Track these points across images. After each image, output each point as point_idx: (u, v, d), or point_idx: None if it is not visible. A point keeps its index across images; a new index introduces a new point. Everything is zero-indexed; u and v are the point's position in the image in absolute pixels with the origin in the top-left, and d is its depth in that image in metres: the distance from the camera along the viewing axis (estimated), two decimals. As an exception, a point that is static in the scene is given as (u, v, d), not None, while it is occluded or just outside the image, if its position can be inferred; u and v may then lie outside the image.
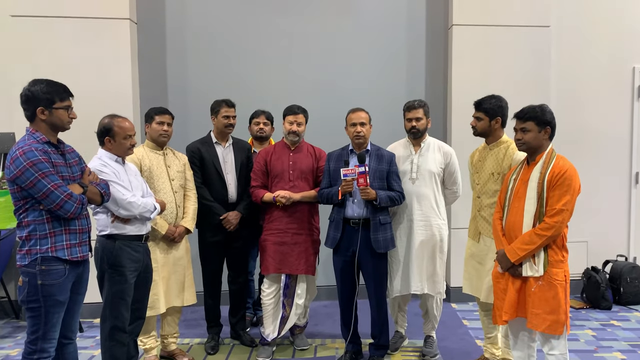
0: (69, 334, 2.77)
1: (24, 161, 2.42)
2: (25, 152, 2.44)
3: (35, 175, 2.43)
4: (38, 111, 2.53)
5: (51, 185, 2.45)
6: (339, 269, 3.55)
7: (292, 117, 3.71)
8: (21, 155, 2.43)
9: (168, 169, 3.53)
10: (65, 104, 2.57)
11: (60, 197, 2.48)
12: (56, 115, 2.56)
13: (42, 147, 2.50)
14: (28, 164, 2.42)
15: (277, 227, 3.69)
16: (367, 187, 3.30)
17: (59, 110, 2.56)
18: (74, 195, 2.53)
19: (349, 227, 3.47)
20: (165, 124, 3.48)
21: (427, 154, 3.65)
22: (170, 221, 3.50)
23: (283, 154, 3.75)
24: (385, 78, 5.13)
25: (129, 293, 3.03)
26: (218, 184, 3.81)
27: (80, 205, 2.56)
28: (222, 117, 3.83)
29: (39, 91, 2.50)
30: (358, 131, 3.44)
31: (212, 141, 3.89)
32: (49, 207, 2.49)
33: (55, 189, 2.46)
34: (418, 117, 3.60)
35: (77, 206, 2.54)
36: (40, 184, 2.44)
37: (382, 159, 3.51)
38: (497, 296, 2.93)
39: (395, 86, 5.12)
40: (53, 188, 2.46)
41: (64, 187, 2.51)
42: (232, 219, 3.79)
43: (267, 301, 3.74)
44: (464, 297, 4.85)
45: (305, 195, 3.67)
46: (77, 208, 2.54)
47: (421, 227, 3.60)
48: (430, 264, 3.61)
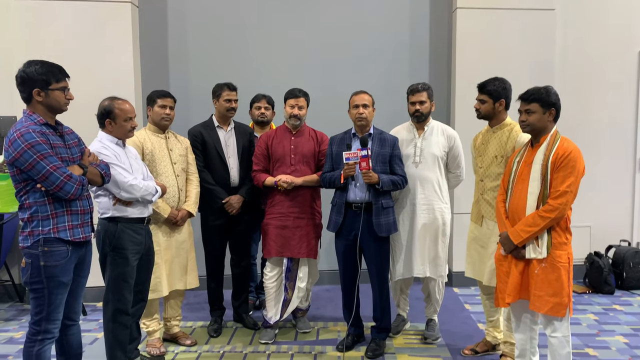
0: (72, 316, 2.78)
1: (22, 143, 2.41)
2: (22, 134, 2.42)
3: (34, 157, 2.42)
4: (34, 93, 2.50)
5: (50, 167, 2.44)
6: (341, 252, 3.55)
7: (293, 100, 3.68)
8: (19, 137, 2.42)
9: (170, 153, 3.53)
10: (61, 85, 2.54)
11: (59, 179, 2.47)
12: (52, 97, 2.53)
13: (39, 128, 2.48)
14: (26, 145, 2.41)
15: (279, 211, 3.69)
16: (370, 171, 3.29)
17: (55, 92, 2.53)
18: (73, 176, 2.52)
19: (351, 211, 3.47)
20: (167, 108, 3.46)
21: (430, 137, 3.63)
22: (172, 205, 3.49)
23: (284, 138, 3.73)
24: (389, 61, 5.10)
25: (131, 275, 3.04)
26: (220, 168, 3.81)
27: (81, 186, 2.55)
28: (223, 100, 3.81)
29: (34, 72, 2.47)
30: (360, 113, 3.42)
31: (214, 125, 3.88)
32: (49, 188, 2.48)
33: (55, 170, 2.45)
34: (422, 100, 3.58)
35: (77, 187, 2.53)
36: (39, 166, 2.43)
37: (385, 142, 3.49)
38: (500, 279, 2.93)
39: (398, 69, 5.09)
40: (52, 169, 2.45)
41: (63, 168, 2.50)
42: (234, 202, 3.79)
43: (269, 284, 3.75)
44: (466, 281, 4.86)
45: (307, 180, 3.67)
46: (77, 189, 2.53)
47: (424, 211, 3.60)
48: (432, 248, 3.62)
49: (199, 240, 3.92)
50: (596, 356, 3.50)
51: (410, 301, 4.12)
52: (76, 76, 2.63)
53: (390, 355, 3.54)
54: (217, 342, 3.82)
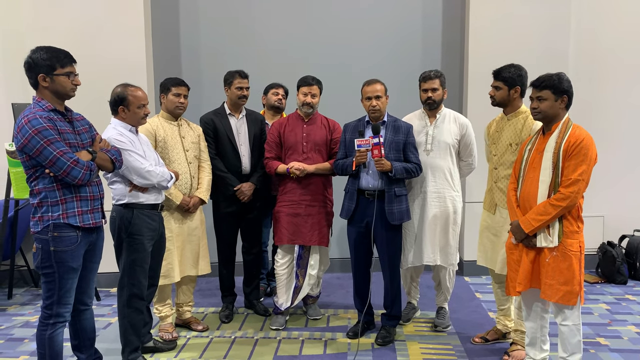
0: (85, 300, 2.85)
1: (29, 129, 2.44)
2: (29, 120, 2.45)
3: (41, 142, 2.45)
4: (39, 78, 2.52)
5: (57, 152, 2.47)
6: (352, 239, 3.57)
7: (306, 88, 3.70)
8: (26, 123, 2.45)
9: (182, 140, 3.56)
10: (66, 70, 2.55)
11: (66, 164, 2.49)
12: (58, 82, 2.55)
13: (47, 114, 2.51)
14: (33, 131, 2.44)
15: (291, 198, 3.72)
16: (382, 159, 3.31)
17: (60, 77, 2.54)
18: (80, 161, 2.54)
19: (363, 198, 3.49)
20: (181, 96, 3.48)
21: (442, 125, 3.63)
22: (184, 192, 3.53)
23: (297, 126, 3.75)
24: (401, 48, 5.08)
25: (146, 261, 3.09)
26: (232, 155, 3.84)
27: (89, 172, 2.57)
28: (235, 88, 3.83)
29: (39, 58, 2.49)
30: (373, 105, 3.44)
31: (225, 112, 3.90)
32: (57, 174, 2.51)
33: (61, 156, 2.48)
34: (434, 87, 3.57)
35: (85, 172, 2.55)
36: (46, 152, 2.46)
37: (399, 130, 3.50)
38: (511, 267, 2.94)
39: (410, 56, 5.08)
40: (59, 155, 2.47)
41: (70, 153, 2.52)
42: (245, 190, 3.83)
43: (280, 271, 3.79)
44: (477, 270, 4.87)
45: (319, 167, 3.69)
46: (85, 174, 2.55)
47: (435, 199, 3.61)
48: (443, 236, 3.63)
49: (210, 227, 3.97)
50: (607, 345, 3.51)
51: (421, 289, 4.12)
52: (87, 62, 2.64)
53: (400, 343, 3.58)
54: (229, 328, 3.87)
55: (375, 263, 3.63)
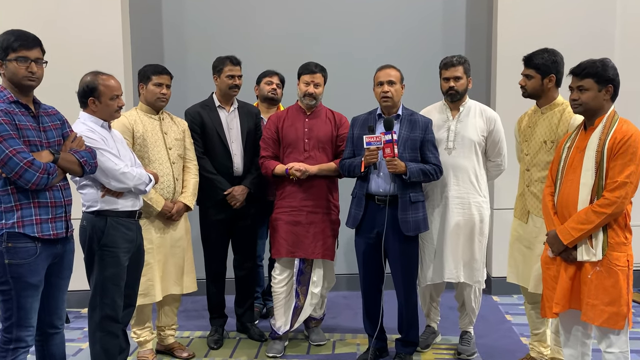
0: (55, 322, 2.82)
1: None
2: None
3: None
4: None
5: (9, 151, 2.43)
6: (361, 252, 3.56)
7: (308, 76, 3.68)
8: None
9: (165, 136, 3.55)
10: (17, 55, 2.52)
11: (19, 165, 2.45)
12: (9, 69, 2.53)
13: (5, 107, 2.49)
14: None
15: (290, 204, 3.70)
16: (395, 159, 3.29)
17: (11, 62, 2.52)
18: (35, 162, 2.50)
19: (373, 205, 3.47)
20: (163, 86, 3.47)
21: (466, 119, 3.61)
22: (167, 196, 3.52)
23: (297, 120, 3.73)
24: (418, 31, 5.06)
25: (122, 277, 3.07)
26: (222, 154, 3.83)
27: (46, 175, 2.53)
28: (226, 76, 3.81)
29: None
30: (385, 91, 3.42)
31: (214, 105, 3.89)
32: (9, 175, 2.48)
33: (14, 155, 2.44)
34: (457, 76, 3.55)
35: (41, 176, 2.51)
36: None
37: (416, 125, 3.48)
38: (547, 285, 2.92)
39: (430, 40, 5.06)
40: (11, 154, 2.43)
41: (25, 153, 2.48)
42: (237, 194, 3.80)
43: (278, 289, 3.77)
44: (507, 288, 4.82)
45: (322, 168, 3.67)
46: (40, 178, 2.51)
47: (458, 206, 3.59)
48: (467, 249, 3.61)
49: (197, 238, 3.96)
50: (659, 376, 3.47)
51: (442, 310, 4.08)
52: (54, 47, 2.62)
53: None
54: (218, 355, 3.84)
55: (388, 280, 3.61)
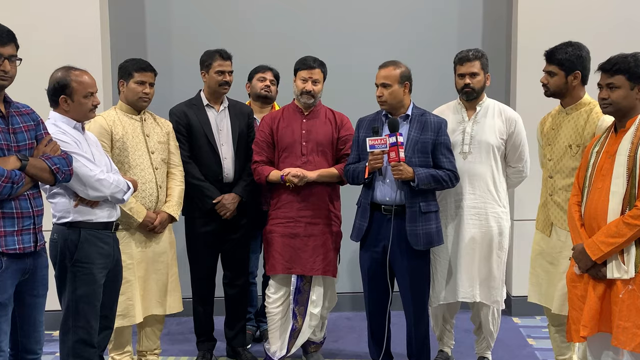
0: (32, 346, 2.80)
1: None
2: None
3: None
4: None
5: None
6: (366, 268, 3.57)
7: (306, 72, 3.68)
8: None
9: (147, 139, 3.56)
10: None
11: None
12: None
13: None
14: None
15: (287, 214, 3.70)
16: (400, 163, 3.29)
17: None
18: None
19: (378, 215, 3.48)
20: (146, 84, 3.48)
21: (484, 120, 3.62)
22: (149, 206, 3.52)
23: (294, 121, 3.74)
24: (431, 23, 5.05)
25: (98, 297, 3.06)
26: (210, 158, 3.83)
27: (9, 184, 2.51)
28: (215, 72, 3.81)
29: None
30: (378, 95, 3.46)
31: (202, 103, 3.89)
32: None
33: None
34: (473, 72, 3.57)
35: (3, 185, 2.49)
36: None
37: (427, 126, 3.48)
38: (574, 305, 2.90)
39: (444, 33, 5.05)
40: None
41: None
42: (228, 203, 3.80)
43: (273, 310, 3.77)
44: (529, 308, 4.76)
45: (322, 174, 3.67)
46: (3, 187, 2.49)
47: (474, 217, 3.59)
48: (484, 265, 3.61)
49: (183, 252, 3.94)
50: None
51: (456, 334, 4.06)
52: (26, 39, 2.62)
53: (429, 404, 3.52)
54: (206, 383, 3.81)
55: (396, 299, 3.59)
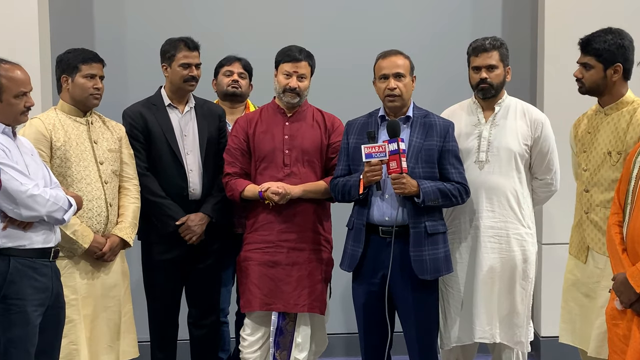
0: None
1: None
2: None
3: None
4: None
5: None
6: (361, 303, 3.57)
7: (290, 65, 3.68)
8: None
9: (94, 147, 3.55)
10: None
11: None
12: None
13: None
14: None
15: (266, 238, 3.70)
16: (403, 175, 3.27)
17: None
18: None
19: (376, 239, 3.48)
20: (97, 78, 3.49)
21: (504, 122, 3.62)
22: (97, 228, 3.50)
23: (274, 124, 3.76)
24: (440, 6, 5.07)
25: (32, 341, 3.00)
26: (173, 170, 3.85)
27: None
28: (179, 65, 3.82)
29: None
30: (391, 87, 3.44)
31: (163, 103, 3.90)
32: None
33: None
34: (491, 64, 3.57)
35: None
36: None
37: (432, 130, 3.50)
38: (615, 347, 2.89)
39: (454, 17, 5.06)
40: None
41: None
42: (194, 225, 3.80)
43: (249, 355, 3.75)
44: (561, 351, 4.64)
45: (309, 189, 3.67)
46: None
47: (492, 239, 3.60)
48: (506, 299, 3.61)
49: (139, 285, 3.97)
50: None
51: (474, 382, 4.10)
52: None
53: None
54: None
55: (399, 341, 3.58)
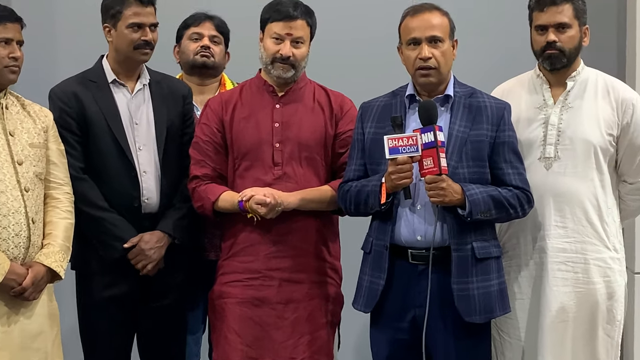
0: None
1: None
2: None
3: None
4: None
5: None
6: (384, 356, 3.27)
7: (281, 25, 3.39)
8: None
9: (10, 140, 3.28)
10: None
11: None
12: None
13: None
14: None
15: (250, 266, 3.38)
16: (442, 177, 2.98)
17: None
18: None
19: (404, 267, 3.17)
20: (13, 44, 3.28)
21: (580, 103, 3.33)
22: (14, 254, 3.21)
23: (260, 107, 3.50)
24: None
25: None
26: (119, 171, 3.56)
27: None
28: (127, 26, 3.52)
29: None
30: (424, 57, 3.14)
31: (105, 79, 3.62)
32: None
33: None
34: (562, 21, 3.26)
35: None
36: None
37: (481, 114, 3.22)
38: None
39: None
40: None
41: None
42: (149, 248, 3.50)
43: None
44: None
45: (308, 198, 3.37)
46: None
47: (565, 267, 3.29)
48: (584, 350, 3.33)
49: (73, 332, 3.74)
50: None
51: None
52: None
53: None
54: None
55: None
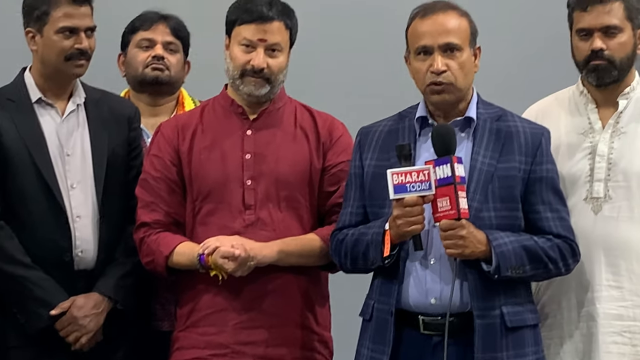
0: None
1: None
2: None
3: None
4: None
5: None
6: None
7: (253, 28, 3.21)
8: None
9: None
10: None
11: None
12: None
13: None
14: None
15: (214, 339, 3.17)
16: (462, 224, 2.77)
17: None
18: None
19: (413, 337, 2.94)
20: None
21: (635, 127, 3.16)
22: None
23: (227, 134, 3.35)
24: None
25: None
26: (46, 216, 3.36)
27: None
28: (57, 31, 3.36)
29: None
30: (438, 69, 2.93)
31: (28, 98, 3.44)
32: None
33: None
34: (610, 24, 3.10)
35: None
36: None
37: (512, 142, 3.07)
38: None
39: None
40: None
41: None
42: (83, 315, 3.30)
43: None
44: None
45: (289, 250, 3.18)
46: None
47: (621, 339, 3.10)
48: None
49: None
50: None
51: None
52: None
53: None
54: None
55: None
